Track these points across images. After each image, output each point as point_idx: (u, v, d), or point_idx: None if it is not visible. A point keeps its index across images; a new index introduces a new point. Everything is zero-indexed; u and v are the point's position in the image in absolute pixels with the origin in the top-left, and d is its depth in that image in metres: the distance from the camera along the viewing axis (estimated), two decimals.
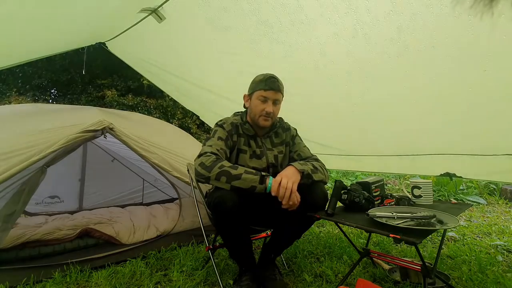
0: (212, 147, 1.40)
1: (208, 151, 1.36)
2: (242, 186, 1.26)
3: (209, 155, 1.33)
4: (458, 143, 1.87)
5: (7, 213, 1.61)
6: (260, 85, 1.48)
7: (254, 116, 1.52)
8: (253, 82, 1.53)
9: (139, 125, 2.48)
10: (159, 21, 1.92)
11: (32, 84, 7.42)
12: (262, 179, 1.28)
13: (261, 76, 1.51)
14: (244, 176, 1.27)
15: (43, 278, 1.64)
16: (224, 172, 1.27)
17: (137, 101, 7.30)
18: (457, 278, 1.67)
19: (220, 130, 1.49)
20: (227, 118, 1.58)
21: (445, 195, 4.22)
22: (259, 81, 1.49)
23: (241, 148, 1.52)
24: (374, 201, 1.49)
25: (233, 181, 1.26)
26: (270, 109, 1.47)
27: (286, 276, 1.69)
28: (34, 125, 1.89)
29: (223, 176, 1.26)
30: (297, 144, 1.65)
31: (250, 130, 1.55)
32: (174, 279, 1.63)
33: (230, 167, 1.29)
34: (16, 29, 1.79)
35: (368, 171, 2.73)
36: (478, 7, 0.43)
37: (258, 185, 1.27)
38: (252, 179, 1.27)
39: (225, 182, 1.26)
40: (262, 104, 1.48)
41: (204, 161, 1.31)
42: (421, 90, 1.64)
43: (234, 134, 1.52)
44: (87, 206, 3.09)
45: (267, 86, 1.46)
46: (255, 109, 1.50)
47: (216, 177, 1.27)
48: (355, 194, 1.42)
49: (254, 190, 1.27)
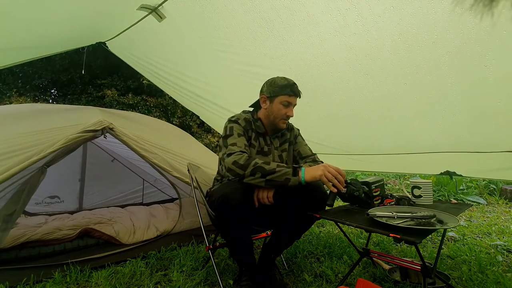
0: (237, 145, 1.42)
1: (237, 150, 1.38)
2: (276, 179, 1.29)
3: (240, 154, 1.36)
4: (458, 140, 1.86)
5: (7, 213, 1.61)
6: (285, 90, 1.51)
7: (274, 118, 1.55)
8: (274, 86, 1.53)
9: (139, 125, 2.48)
10: (159, 20, 1.92)
11: (32, 84, 7.41)
12: (295, 171, 1.31)
13: (284, 81, 1.53)
14: (278, 169, 1.30)
15: (43, 278, 1.63)
16: (259, 168, 1.30)
17: (137, 100, 7.29)
18: (457, 278, 1.67)
19: (236, 126, 1.51)
20: (239, 115, 1.60)
21: (445, 195, 4.22)
22: (284, 86, 1.51)
23: (252, 143, 1.56)
24: (373, 196, 1.51)
25: (268, 175, 1.29)
26: (292, 113, 1.54)
27: (286, 276, 1.69)
28: (34, 125, 1.89)
29: (258, 172, 1.30)
30: (299, 143, 1.71)
31: (261, 127, 1.59)
32: (174, 279, 1.63)
33: (263, 163, 1.32)
34: (16, 29, 1.79)
35: (369, 170, 2.73)
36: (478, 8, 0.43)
37: (292, 177, 1.29)
38: (286, 172, 1.30)
39: (260, 177, 1.30)
40: (284, 108, 1.52)
41: (237, 160, 1.33)
42: (421, 87, 1.64)
43: (249, 129, 1.56)
44: (87, 206, 3.10)
45: (292, 92, 1.51)
46: (277, 112, 1.53)
47: (251, 173, 1.30)
48: (354, 188, 1.42)
49: (288, 183, 1.29)
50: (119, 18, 2.07)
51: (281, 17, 1.61)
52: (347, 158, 2.62)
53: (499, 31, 1.17)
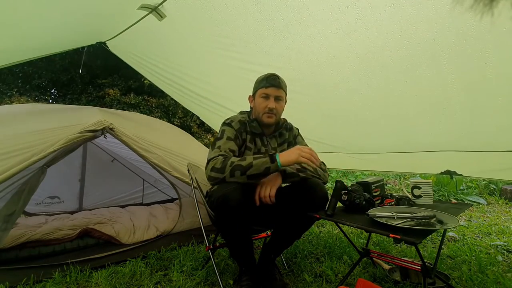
0: (220, 149, 1.42)
1: (215, 156, 1.38)
2: (257, 172, 1.30)
3: (216, 158, 1.36)
4: (458, 139, 1.86)
5: (7, 213, 1.61)
6: (262, 83, 1.53)
7: (258, 114, 1.55)
8: (255, 82, 1.60)
9: (139, 125, 2.48)
10: (159, 19, 1.91)
11: (32, 84, 7.42)
12: (272, 157, 1.32)
13: (262, 76, 1.57)
14: (255, 162, 1.30)
15: (43, 278, 1.63)
16: (236, 167, 1.30)
17: (138, 100, 7.29)
18: (457, 278, 1.67)
19: (228, 129, 1.51)
20: (234, 116, 1.60)
21: (445, 195, 4.22)
22: (261, 80, 1.56)
23: (247, 145, 1.56)
24: (374, 203, 1.49)
25: (247, 171, 1.29)
26: (272, 105, 1.51)
27: (286, 276, 1.69)
28: (34, 125, 1.89)
29: (237, 170, 1.29)
30: (299, 143, 1.69)
31: (257, 128, 1.57)
32: (174, 279, 1.63)
33: (239, 160, 1.33)
34: (16, 28, 1.79)
35: (368, 169, 2.72)
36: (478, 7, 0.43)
37: (271, 165, 1.30)
38: (264, 162, 1.31)
39: (240, 175, 1.29)
40: (264, 101, 1.52)
41: (214, 165, 1.34)
42: (421, 84, 1.63)
43: (243, 132, 1.55)
44: (87, 206, 3.09)
45: (268, 84, 1.51)
46: (258, 107, 1.54)
47: (231, 174, 1.30)
48: (356, 195, 1.42)
49: (269, 171, 1.31)
50: (119, 18, 2.06)
51: (282, 15, 1.61)
52: (346, 156, 2.62)
53: (499, 30, 1.16)
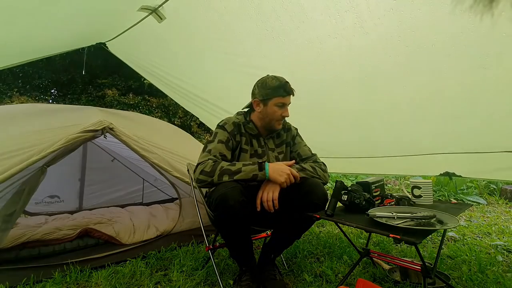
0: (210, 152, 1.42)
1: (204, 159, 1.39)
2: (244, 178, 1.32)
3: (206, 162, 1.37)
4: (458, 141, 1.86)
5: (7, 213, 1.61)
6: (279, 91, 1.47)
7: (270, 120, 1.53)
8: (266, 88, 1.48)
9: (139, 125, 2.48)
10: (159, 21, 1.92)
11: (32, 84, 7.43)
12: (261, 166, 1.34)
13: (276, 82, 1.48)
14: (244, 168, 1.33)
15: (43, 278, 1.63)
16: (225, 171, 1.32)
17: (138, 100, 7.31)
18: (457, 278, 1.67)
19: (220, 132, 1.50)
20: (229, 118, 1.58)
21: (445, 195, 4.22)
22: (276, 87, 1.47)
23: (243, 147, 1.54)
24: (375, 203, 1.48)
25: (235, 175, 1.31)
26: (287, 113, 1.52)
27: (286, 276, 1.69)
28: (34, 125, 1.89)
29: (225, 174, 1.32)
30: (298, 143, 1.67)
31: (253, 129, 1.56)
32: (174, 279, 1.63)
33: (229, 165, 1.35)
34: (16, 29, 1.79)
35: (368, 173, 2.72)
36: (478, 8, 0.43)
37: (259, 172, 1.33)
38: (252, 169, 1.34)
39: (228, 179, 1.31)
40: (280, 109, 1.50)
41: (203, 168, 1.35)
42: (420, 88, 1.64)
43: (236, 134, 1.53)
44: (87, 206, 3.09)
45: (285, 93, 1.48)
46: (273, 115, 1.51)
47: (219, 178, 1.31)
48: (356, 195, 1.41)
49: (256, 178, 1.34)
50: (119, 19, 2.07)
51: (280, 19, 1.61)
52: (346, 161, 2.61)
53: (499, 31, 1.17)
